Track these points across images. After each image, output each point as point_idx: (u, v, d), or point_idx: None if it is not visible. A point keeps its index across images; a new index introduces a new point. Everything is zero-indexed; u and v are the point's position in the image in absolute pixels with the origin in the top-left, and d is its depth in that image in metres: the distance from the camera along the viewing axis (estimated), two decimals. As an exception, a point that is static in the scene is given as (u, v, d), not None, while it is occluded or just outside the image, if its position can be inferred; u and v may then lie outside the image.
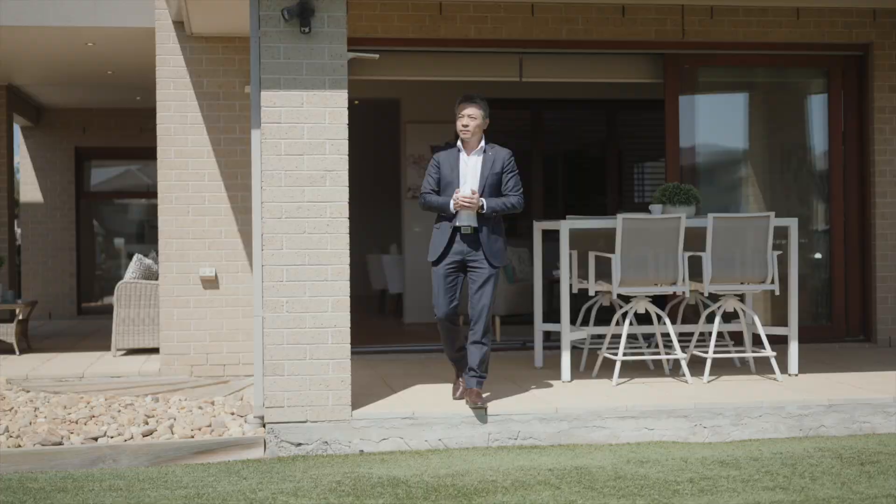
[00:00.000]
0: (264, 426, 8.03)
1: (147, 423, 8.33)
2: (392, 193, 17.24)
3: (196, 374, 10.67)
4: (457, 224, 8.22)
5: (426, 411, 8.12)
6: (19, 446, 7.88)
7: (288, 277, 7.94)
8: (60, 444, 7.88)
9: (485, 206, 8.16)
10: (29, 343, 13.33)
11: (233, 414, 8.62)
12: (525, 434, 8.14)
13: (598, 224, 9.46)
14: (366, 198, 19.58)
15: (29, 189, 18.31)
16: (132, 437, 8.02)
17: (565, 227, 9.44)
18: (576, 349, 10.79)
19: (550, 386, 9.19)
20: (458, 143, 8.37)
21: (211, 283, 10.79)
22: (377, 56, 8.82)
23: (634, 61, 11.64)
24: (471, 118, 8.28)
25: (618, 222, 9.15)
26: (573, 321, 10.20)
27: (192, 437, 8.05)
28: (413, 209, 14.85)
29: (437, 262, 8.28)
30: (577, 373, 9.86)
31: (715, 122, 12.08)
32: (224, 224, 10.82)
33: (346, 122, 7.99)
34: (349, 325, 8.03)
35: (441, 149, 8.49)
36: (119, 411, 8.77)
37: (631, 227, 9.17)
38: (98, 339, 14.00)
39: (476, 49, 11.32)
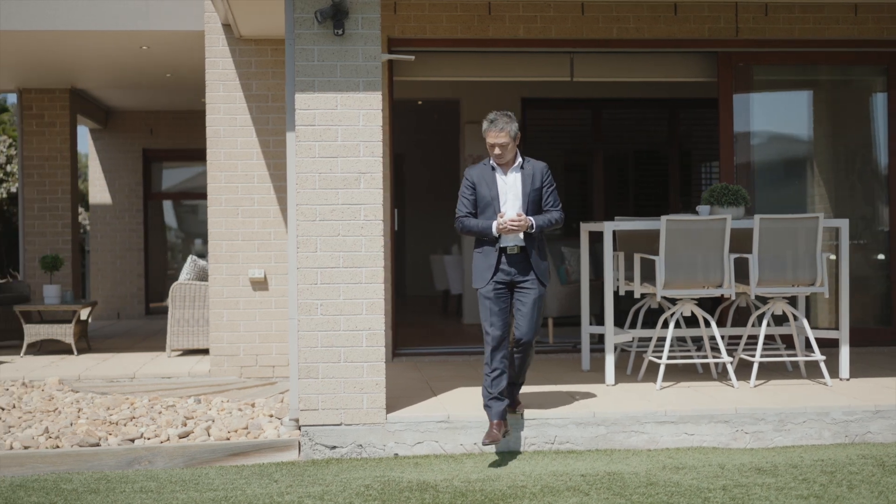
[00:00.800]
0: (299, 429, 8.03)
1: (185, 425, 8.37)
2: (454, 193, 17.20)
3: (245, 375, 10.72)
4: (502, 245, 7.72)
5: (462, 415, 8.06)
6: (57, 447, 7.95)
7: (322, 280, 7.93)
8: (97, 445, 7.95)
9: (534, 225, 7.66)
10: (89, 343, 13.49)
11: (271, 416, 8.63)
12: (562, 438, 8.05)
13: (641, 226, 9.32)
14: (429, 198, 19.59)
15: (98, 191, 18.55)
16: (168, 439, 8.06)
17: (609, 228, 9.32)
18: (624, 352, 10.66)
19: (593, 390, 9.07)
20: (491, 159, 7.81)
21: (260, 284, 10.82)
22: (413, 58, 8.77)
23: (687, 60, 11.47)
24: (501, 146, 7.73)
25: (661, 224, 9.01)
26: (623, 323, 10.08)
27: (228, 439, 8.07)
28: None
29: (483, 287, 7.77)
30: (623, 376, 9.74)
31: (773, 120, 11.87)
32: (273, 225, 10.85)
33: (381, 123, 7.96)
34: (383, 328, 7.99)
35: (474, 166, 7.91)
36: (160, 413, 8.83)
37: (675, 229, 9.03)
38: (159, 339, 14.14)
39: (525, 49, 11.23)
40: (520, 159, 7.79)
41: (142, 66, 13.41)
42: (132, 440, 8.02)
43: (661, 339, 10.18)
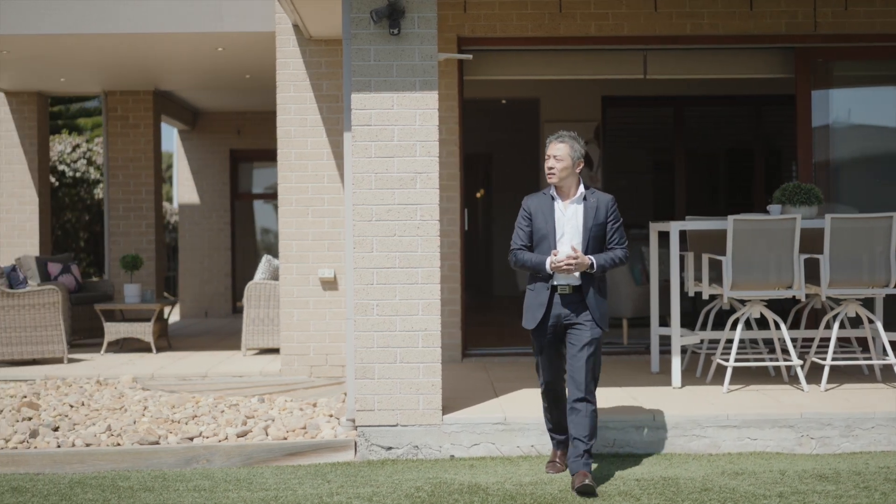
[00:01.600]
0: (356, 429, 8.02)
1: (245, 424, 8.41)
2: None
3: (315, 374, 10.76)
4: (554, 282, 6.98)
5: (519, 416, 7.98)
6: (119, 445, 8.04)
7: (378, 280, 7.91)
8: (157, 443, 8.02)
9: (595, 265, 6.91)
10: (169, 342, 13.66)
11: (331, 416, 8.63)
12: (621, 442, 7.93)
13: (709, 225, 9.15)
14: (519, 198, 19.53)
15: (186, 191, 18.79)
16: (226, 438, 8.10)
17: (675, 228, 9.16)
18: (696, 354, 10.48)
19: (657, 392, 8.93)
20: (552, 188, 7.05)
21: (330, 284, 10.85)
22: (471, 57, 8.71)
23: (763, 56, 11.24)
24: (556, 160, 6.95)
25: (728, 224, 8.83)
26: (695, 325, 9.91)
27: (286, 438, 8.09)
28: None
29: (535, 328, 7.08)
30: (692, 378, 9.57)
31: (854, 116, 11.57)
32: (343, 225, 10.88)
33: (437, 123, 7.91)
34: (440, 328, 7.94)
35: (533, 195, 7.19)
36: (222, 412, 8.89)
37: (743, 229, 8.84)
38: (239, 338, 14.26)
39: (597, 47, 11.09)
40: (583, 190, 6.97)
41: (220, 68, 13.54)
42: (191, 439, 8.08)
43: (731, 342, 9.99)
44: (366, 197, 7.90)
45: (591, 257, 6.89)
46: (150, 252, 15.18)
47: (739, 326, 8.98)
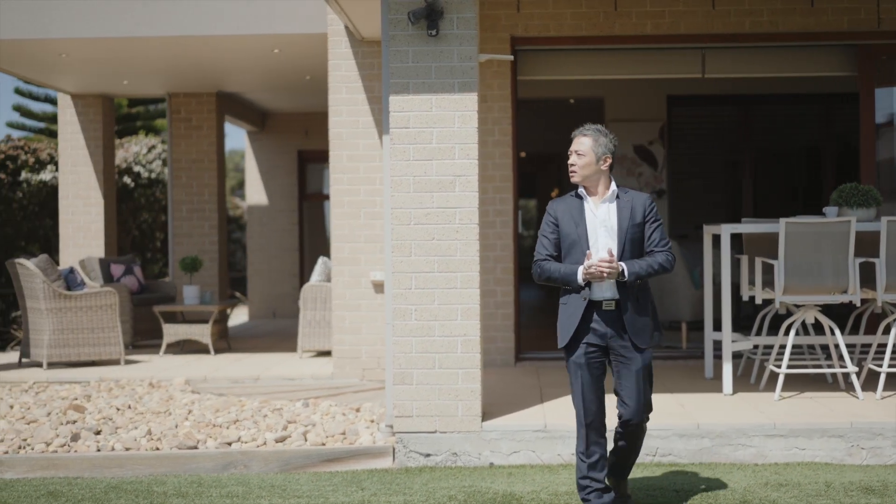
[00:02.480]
0: (394, 435, 7.93)
1: (286, 429, 8.36)
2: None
3: (368, 378, 10.69)
4: (592, 297, 6.09)
5: (560, 423, 7.83)
6: (157, 449, 8.03)
7: (416, 285, 7.81)
8: (195, 448, 8.00)
9: (626, 272, 6.00)
10: (229, 343, 13.69)
11: (372, 421, 8.55)
12: (664, 450, 7.74)
13: (761, 228, 8.92)
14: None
15: (254, 192, 18.86)
16: (265, 443, 8.06)
17: (726, 231, 8.94)
18: (752, 359, 10.24)
19: (707, 399, 8.72)
20: (580, 188, 6.22)
21: (382, 287, 10.77)
22: (511, 57, 8.55)
23: (825, 53, 10.95)
24: (578, 155, 6.13)
25: (780, 226, 8.60)
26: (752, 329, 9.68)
27: (324, 444, 8.02)
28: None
29: (571, 350, 6.19)
30: (746, 385, 9.35)
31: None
32: (395, 228, 10.78)
33: (476, 125, 7.78)
34: (479, 333, 7.82)
35: (558, 199, 6.33)
36: (265, 416, 8.84)
37: (795, 232, 8.60)
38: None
39: (653, 45, 10.89)
40: (614, 188, 6.16)
41: (279, 70, 13.54)
42: (229, 444, 8.05)
43: (785, 347, 9.73)
44: (404, 200, 7.81)
45: (623, 263, 6.01)
46: (213, 253, 15.24)
47: (792, 332, 8.74)
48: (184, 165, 15.28)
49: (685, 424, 7.78)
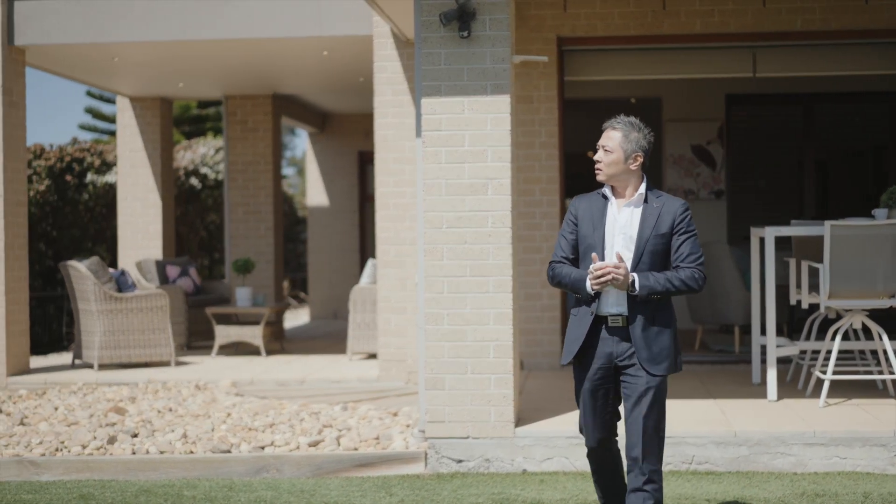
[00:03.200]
0: (427, 441, 7.86)
1: (320, 433, 8.33)
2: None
3: (412, 381, 10.63)
4: (599, 312, 5.42)
5: (594, 431, 7.70)
6: (192, 452, 8.04)
7: (448, 289, 7.73)
8: (229, 452, 7.99)
9: (636, 284, 5.30)
10: (283, 345, 13.72)
11: (408, 426, 8.49)
12: (700, 458, 7.59)
13: (806, 231, 8.72)
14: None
15: (315, 193, 18.91)
16: (297, 447, 8.03)
17: (770, 234, 8.76)
18: (800, 365, 10.03)
19: (750, 405, 8.54)
20: (606, 188, 5.54)
21: (428, 289, 10.70)
22: (546, 58, 8.43)
23: (880, 51, 10.70)
24: (605, 151, 5.47)
25: (825, 229, 8.40)
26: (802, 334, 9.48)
27: (356, 449, 7.98)
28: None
29: (576, 369, 5.53)
30: (793, 390, 9.15)
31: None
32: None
33: (510, 128, 7.69)
34: (512, 338, 7.73)
35: (583, 196, 5.67)
36: (302, 420, 8.82)
37: (841, 235, 8.39)
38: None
39: (703, 45, 10.71)
40: (643, 190, 5.45)
41: (331, 71, 13.55)
42: (262, 448, 8.03)
43: (840, 352, 9.52)
44: (436, 204, 7.74)
45: (635, 275, 5.32)
46: (269, 255, 15.29)
47: (838, 337, 8.53)
48: (240, 168, 15.35)
49: (722, 432, 7.63)
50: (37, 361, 12.74)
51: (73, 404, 9.72)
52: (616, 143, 5.43)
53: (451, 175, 7.73)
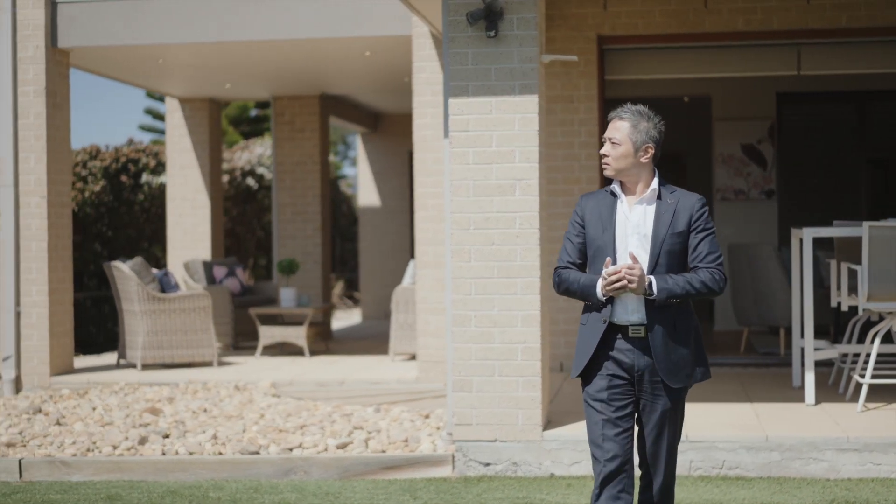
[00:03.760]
0: (454, 444, 7.80)
1: (350, 435, 8.30)
2: (704, 194, 16.44)
3: (452, 382, 10.57)
4: (614, 319, 4.91)
5: (623, 435, 7.60)
6: (221, 454, 8.05)
7: (476, 291, 7.67)
8: (257, 453, 7.99)
9: (654, 287, 4.81)
10: (328, 345, 13.72)
11: (438, 429, 8.44)
12: (731, 464, 7.46)
13: (844, 232, 8.55)
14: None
15: (367, 194, 18.91)
16: (325, 449, 8.01)
17: (808, 234, 8.60)
18: (842, 368, 9.83)
19: (787, 409, 8.39)
20: (615, 184, 5.05)
21: (467, 290, 10.64)
22: (575, 58, 8.34)
23: (931, 48, 10.47)
24: (613, 143, 4.98)
25: (863, 230, 8.23)
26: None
27: (384, 451, 7.94)
28: (723, 209, 14.10)
29: (587, 381, 4.98)
30: (832, 394, 8.97)
31: None
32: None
33: (538, 128, 7.61)
34: (540, 341, 7.65)
35: (590, 193, 5.21)
36: (333, 421, 8.80)
37: (880, 236, 8.22)
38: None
39: (746, 42, 10.54)
40: (655, 186, 4.95)
41: (375, 71, 13.52)
42: (291, 449, 8.02)
43: (882, 355, 9.33)
44: (463, 205, 7.68)
45: (652, 277, 4.83)
46: (317, 256, 15.30)
47: (877, 340, 8.36)
48: (288, 168, 15.38)
49: (753, 436, 7.49)
50: (87, 361, 12.85)
51: (111, 404, 9.78)
52: (624, 135, 4.94)
53: (478, 176, 7.67)
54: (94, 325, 16.87)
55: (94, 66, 12.67)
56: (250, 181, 20.23)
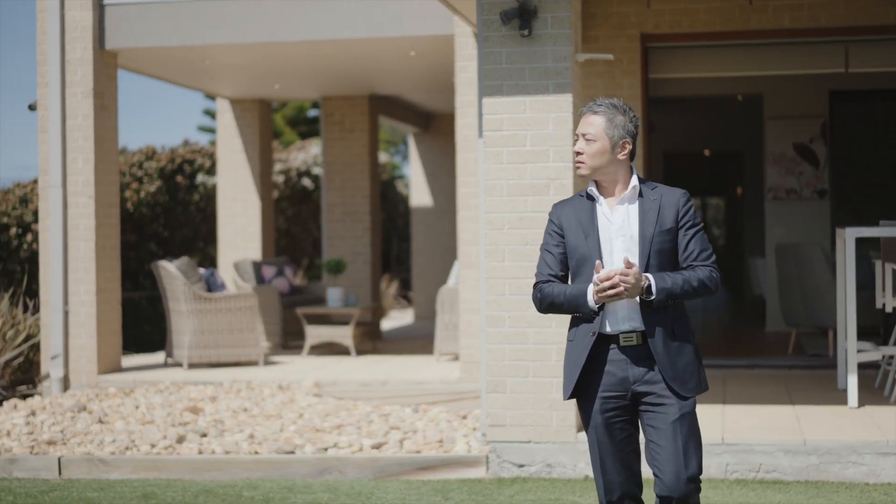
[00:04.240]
0: (488, 445, 7.77)
1: (387, 435, 8.29)
2: (757, 194, 16.27)
3: (494, 383, 10.54)
4: (607, 329, 4.55)
5: (658, 437, 7.52)
6: (257, 453, 8.08)
7: (510, 291, 7.63)
8: (292, 453, 8.01)
9: (653, 287, 4.48)
10: (375, 345, 13.73)
11: (474, 429, 8.40)
12: (768, 467, 7.36)
13: (888, 232, 8.41)
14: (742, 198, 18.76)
15: (419, 194, 18.91)
16: (360, 449, 8.01)
17: (851, 235, 8.47)
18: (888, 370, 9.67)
19: (830, 412, 8.26)
20: (591, 185, 4.69)
21: (509, 291, 10.59)
22: (611, 56, 8.27)
23: None
24: (587, 140, 4.61)
25: (906, 230, 8.10)
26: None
27: (419, 452, 7.92)
28: (775, 209, 13.94)
29: (582, 404, 4.63)
30: (878, 397, 8.83)
31: None
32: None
33: (572, 127, 7.55)
34: (574, 342, 7.57)
35: (564, 201, 4.82)
36: (371, 421, 8.80)
37: (924, 236, 8.08)
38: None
39: (792, 40, 10.40)
40: (635, 182, 4.63)
41: (422, 71, 13.52)
42: (326, 449, 8.03)
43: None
44: (497, 205, 7.65)
45: (650, 276, 4.50)
46: (366, 256, 15.31)
47: (921, 342, 8.21)
48: (337, 168, 15.41)
49: (791, 440, 7.39)
50: (137, 360, 12.94)
51: (154, 403, 9.85)
52: (599, 130, 4.57)
53: (512, 175, 7.63)
54: (150, 325, 17.01)
55: (142, 67, 12.78)
56: (306, 181, 20.31)
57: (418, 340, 14.76)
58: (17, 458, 8.17)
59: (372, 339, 13.97)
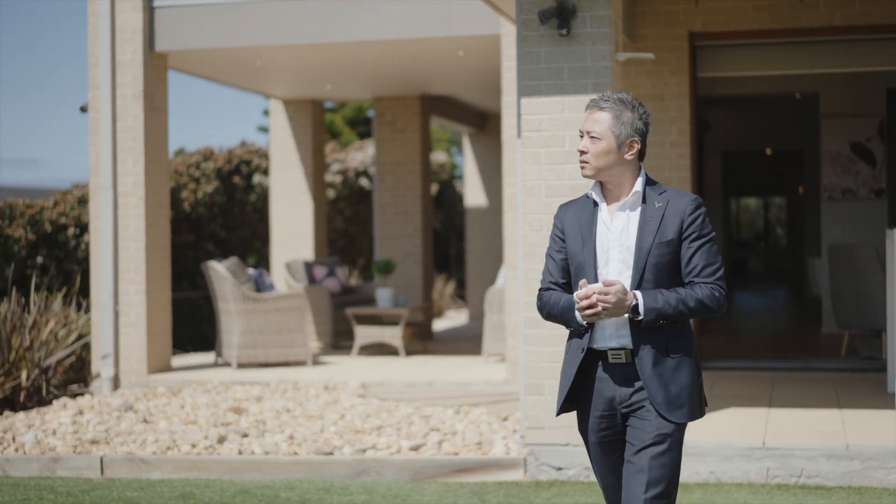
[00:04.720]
0: (527, 447, 7.71)
1: (425, 437, 8.27)
2: (816, 193, 16.05)
3: (540, 384, 10.47)
4: (593, 345, 4.30)
5: (698, 440, 7.44)
6: (296, 454, 8.08)
7: (548, 293, 7.55)
8: (331, 454, 8.00)
9: (641, 307, 4.17)
10: (425, 345, 13.71)
11: (515, 431, 8.35)
12: (810, 472, 7.24)
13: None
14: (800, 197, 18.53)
15: (474, 194, 18.87)
16: (398, 451, 7.99)
17: (890, 236, 8.31)
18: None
19: (873, 416, 8.11)
20: (594, 188, 4.41)
21: (556, 292, 10.52)
22: (652, 55, 8.17)
23: None
24: (591, 138, 4.31)
25: (956, 231, 7.93)
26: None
27: (457, 454, 7.88)
28: (831, 209, 13.74)
29: (578, 417, 4.43)
30: (928, 401, 8.67)
31: None
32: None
33: (611, 127, 7.47)
34: (613, 344, 7.50)
35: (570, 202, 4.55)
36: (411, 423, 8.77)
37: (973, 237, 7.91)
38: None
39: (843, 37, 10.24)
40: (640, 187, 4.31)
41: (473, 71, 13.47)
42: (364, 451, 8.02)
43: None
44: (535, 206, 7.59)
45: (638, 293, 4.18)
46: (417, 256, 15.30)
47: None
48: (389, 169, 15.41)
49: (833, 444, 7.26)
50: (188, 359, 13.03)
51: (200, 403, 9.90)
52: (605, 127, 4.27)
53: (550, 176, 7.57)
54: (208, 324, 17.12)
55: (193, 68, 12.86)
56: (364, 181, 20.34)
57: (470, 341, 14.72)
58: (61, 457, 8.24)
59: (422, 340, 13.95)
